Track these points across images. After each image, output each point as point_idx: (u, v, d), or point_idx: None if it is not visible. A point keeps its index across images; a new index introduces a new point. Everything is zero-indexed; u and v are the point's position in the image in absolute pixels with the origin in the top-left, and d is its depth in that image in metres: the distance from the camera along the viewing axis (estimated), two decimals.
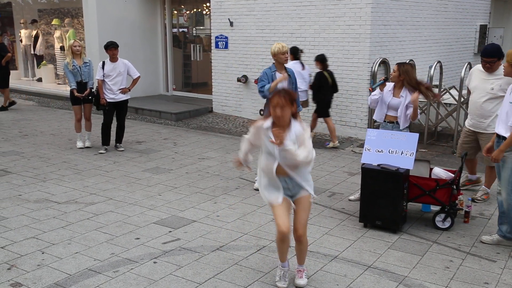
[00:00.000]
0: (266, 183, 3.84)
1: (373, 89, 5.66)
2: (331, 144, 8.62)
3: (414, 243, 4.81)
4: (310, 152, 3.64)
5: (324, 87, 8.46)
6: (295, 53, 8.55)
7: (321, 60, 8.47)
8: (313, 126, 8.76)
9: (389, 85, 5.60)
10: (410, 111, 5.38)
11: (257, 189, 6.24)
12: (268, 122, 3.72)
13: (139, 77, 8.18)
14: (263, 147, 3.79)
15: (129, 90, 8.08)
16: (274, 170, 3.73)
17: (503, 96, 5.34)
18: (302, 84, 8.26)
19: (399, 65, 5.46)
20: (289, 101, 3.62)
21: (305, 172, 3.84)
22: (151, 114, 11.26)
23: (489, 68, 5.46)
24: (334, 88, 8.58)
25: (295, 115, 3.75)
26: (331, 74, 8.51)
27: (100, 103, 7.96)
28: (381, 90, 5.53)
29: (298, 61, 8.57)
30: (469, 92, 6.19)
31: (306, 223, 3.86)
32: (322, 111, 8.60)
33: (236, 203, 5.88)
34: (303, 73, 8.50)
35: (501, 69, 5.30)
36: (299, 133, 3.67)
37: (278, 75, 6.15)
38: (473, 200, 5.80)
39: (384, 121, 5.58)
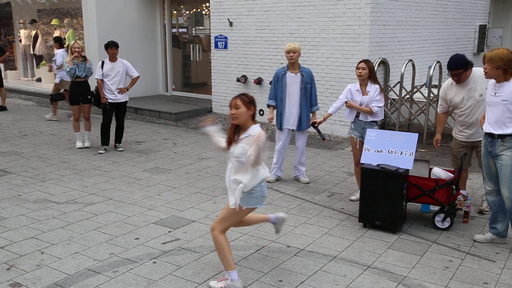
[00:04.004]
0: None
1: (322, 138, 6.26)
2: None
3: (414, 243, 4.81)
4: (251, 154, 3.55)
5: None
6: (60, 41, 10.30)
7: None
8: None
9: (355, 85, 5.75)
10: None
11: (268, 181, 6.66)
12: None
13: (138, 76, 8.23)
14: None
15: (127, 90, 8.07)
16: (228, 171, 3.85)
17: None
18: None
19: (366, 62, 5.63)
20: (246, 103, 3.67)
21: (238, 180, 3.74)
22: (151, 114, 11.25)
23: (458, 80, 5.13)
24: None
25: (253, 117, 3.75)
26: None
27: (101, 102, 7.96)
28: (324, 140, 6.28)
29: (64, 49, 9.99)
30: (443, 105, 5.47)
31: (219, 219, 3.87)
32: None
33: None
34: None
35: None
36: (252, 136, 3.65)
37: (290, 75, 6.30)
38: (480, 212, 5.55)
39: (358, 118, 5.75)
